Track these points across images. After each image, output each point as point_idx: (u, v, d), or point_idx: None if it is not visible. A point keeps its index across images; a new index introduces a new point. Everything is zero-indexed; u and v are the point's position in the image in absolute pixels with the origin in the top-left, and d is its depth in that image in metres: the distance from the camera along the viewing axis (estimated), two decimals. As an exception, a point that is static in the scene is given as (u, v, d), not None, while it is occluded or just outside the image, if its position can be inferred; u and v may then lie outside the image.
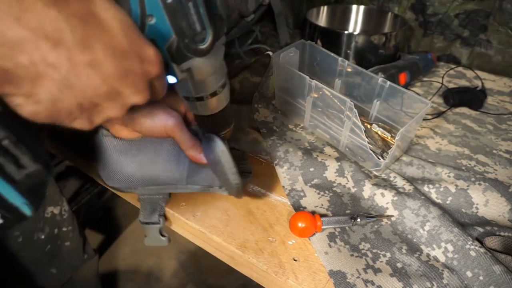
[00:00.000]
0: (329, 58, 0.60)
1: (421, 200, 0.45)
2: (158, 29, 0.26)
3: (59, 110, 0.22)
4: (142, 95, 0.26)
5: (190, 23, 0.26)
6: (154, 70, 0.25)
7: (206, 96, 0.34)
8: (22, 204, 0.28)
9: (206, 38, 0.28)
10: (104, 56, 0.22)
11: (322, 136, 0.58)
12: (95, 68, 0.22)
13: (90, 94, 0.23)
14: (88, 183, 1.27)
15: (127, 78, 0.24)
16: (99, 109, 0.25)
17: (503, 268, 0.37)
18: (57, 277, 0.76)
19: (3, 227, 0.28)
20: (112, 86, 0.23)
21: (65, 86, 0.21)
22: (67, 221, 0.76)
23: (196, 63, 0.29)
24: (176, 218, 0.46)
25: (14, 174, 0.25)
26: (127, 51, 0.23)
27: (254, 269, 0.41)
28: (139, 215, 0.44)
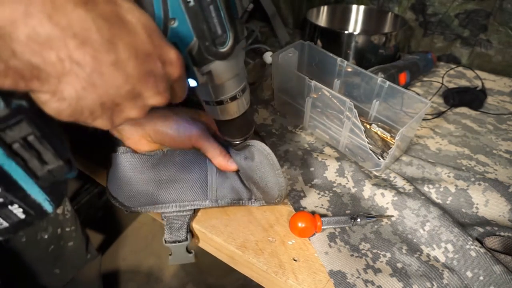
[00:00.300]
0: (328, 58, 0.60)
1: (421, 200, 0.45)
2: (180, 32, 0.27)
3: (82, 108, 0.23)
4: (162, 97, 0.26)
5: (211, 26, 0.27)
6: (176, 72, 0.26)
7: (226, 100, 0.33)
8: (45, 201, 0.28)
9: (227, 41, 0.28)
10: (127, 56, 0.23)
11: (322, 137, 0.58)
12: (119, 68, 0.22)
13: (113, 93, 0.23)
14: (88, 183, 1.27)
15: (149, 79, 0.24)
16: (120, 109, 0.25)
17: (503, 268, 0.37)
18: (60, 277, 0.77)
19: (25, 223, 0.28)
20: (133, 87, 0.24)
21: (89, 84, 0.22)
22: (70, 221, 0.76)
23: (216, 66, 0.30)
24: (176, 218, 0.46)
25: (37, 169, 0.25)
26: (150, 52, 0.24)
27: (254, 269, 0.41)
28: (164, 235, 0.42)
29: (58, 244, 0.74)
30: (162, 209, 0.42)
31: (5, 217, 0.27)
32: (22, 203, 0.27)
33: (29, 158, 0.25)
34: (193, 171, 0.42)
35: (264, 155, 0.38)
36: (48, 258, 0.73)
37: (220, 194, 0.42)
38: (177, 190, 0.42)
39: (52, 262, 0.75)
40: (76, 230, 0.79)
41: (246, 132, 0.40)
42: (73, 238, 0.78)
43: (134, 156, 0.41)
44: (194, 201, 0.42)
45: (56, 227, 0.73)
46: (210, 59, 0.29)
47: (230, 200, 0.43)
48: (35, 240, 0.69)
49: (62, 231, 0.74)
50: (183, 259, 0.44)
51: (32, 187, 0.27)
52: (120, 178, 0.41)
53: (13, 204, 0.27)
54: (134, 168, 0.41)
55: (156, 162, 0.42)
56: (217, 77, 0.31)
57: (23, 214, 0.28)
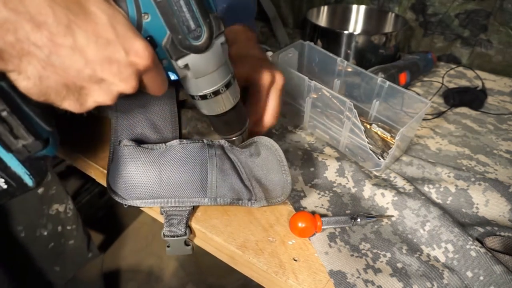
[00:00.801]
0: (328, 58, 0.60)
1: (422, 200, 0.45)
2: (154, 26, 0.28)
3: (47, 87, 0.25)
4: (128, 84, 0.28)
5: (183, 20, 0.28)
6: (142, 62, 0.27)
7: (209, 94, 0.34)
8: (24, 174, 0.31)
9: (201, 35, 0.29)
10: (86, 42, 0.25)
11: (322, 137, 0.58)
12: (77, 51, 0.25)
13: (73, 75, 0.25)
14: (89, 183, 1.27)
15: (111, 65, 0.26)
16: (86, 92, 0.28)
17: (503, 268, 0.37)
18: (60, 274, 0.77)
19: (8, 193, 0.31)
20: (94, 71, 0.26)
21: (48, 65, 0.24)
22: (71, 219, 0.77)
23: (193, 59, 0.31)
24: (176, 218, 0.46)
25: (10, 143, 0.28)
26: (111, 40, 0.25)
27: (254, 269, 0.41)
28: (163, 229, 0.43)
29: (58, 241, 0.75)
30: (160, 204, 0.43)
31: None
32: (4, 174, 0.30)
33: (2, 131, 0.27)
34: (194, 168, 0.42)
35: (272, 151, 0.39)
36: (48, 255, 0.73)
37: (219, 192, 0.42)
38: (177, 186, 0.42)
39: (52, 259, 0.75)
40: (78, 229, 0.80)
41: (238, 129, 0.40)
42: (74, 237, 0.78)
43: (136, 149, 0.42)
44: (193, 198, 0.42)
45: (57, 224, 0.73)
46: (185, 52, 0.30)
47: (230, 200, 0.43)
48: (34, 236, 0.69)
49: (63, 229, 0.75)
50: (181, 251, 0.45)
51: (11, 159, 0.30)
52: (121, 171, 0.42)
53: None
54: (136, 161, 0.41)
55: (158, 156, 0.42)
56: (196, 71, 0.32)
57: (5, 184, 0.30)
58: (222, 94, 0.35)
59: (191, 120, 0.57)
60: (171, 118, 0.52)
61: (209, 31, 0.30)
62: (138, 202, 0.42)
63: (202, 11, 0.29)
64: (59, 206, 0.73)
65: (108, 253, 1.29)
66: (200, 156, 0.42)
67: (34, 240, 0.70)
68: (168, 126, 0.51)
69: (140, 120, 0.49)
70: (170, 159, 0.42)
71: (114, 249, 1.31)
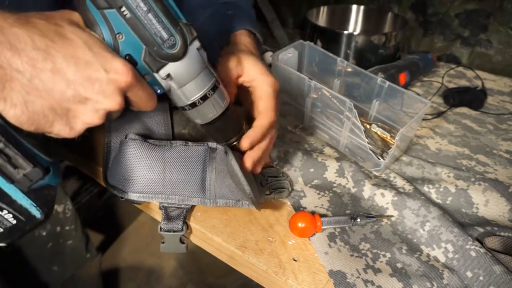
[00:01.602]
0: (328, 58, 0.60)
1: (421, 200, 0.45)
2: (129, 44, 0.29)
3: (34, 113, 0.26)
4: (112, 101, 0.28)
5: (155, 32, 0.29)
6: (122, 78, 0.28)
7: (198, 101, 0.35)
8: (31, 206, 0.31)
9: (176, 44, 0.31)
10: (66, 64, 0.26)
11: (322, 137, 0.58)
12: (57, 74, 0.26)
13: (57, 97, 0.26)
14: (88, 183, 1.27)
15: (93, 84, 0.27)
16: (74, 114, 0.28)
17: (503, 269, 0.37)
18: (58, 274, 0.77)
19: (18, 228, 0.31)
20: (77, 91, 0.27)
21: (32, 89, 0.25)
22: (70, 220, 0.77)
23: (173, 68, 0.32)
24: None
25: (11, 174, 0.29)
26: (90, 61, 0.27)
27: (254, 269, 0.41)
28: (160, 223, 0.43)
29: (57, 241, 0.75)
30: (160, 199, 0.43)
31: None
32: (11, 209, 0.30)
33: (1, 163, 0.28)
34: (195, 169, 0.43)
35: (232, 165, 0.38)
36: (47, 255, 0.74)
37: (218, 193, 0.42)
38: (178, 184, 0.42)
39: (51, 259, 0.75)
40: (76, 229, 0.80)
41: (234, 134, 0.40)
42: (73, 237, 0.79)
43: (143, 144, 0.43)
44: (193, 198, 0.43)
45: (55, 225, 0.74)
46: (164, 62, 0.31)
47: (229, 201, 0.43)
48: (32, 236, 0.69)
49: (62, 229, 0.75)
50: (175, 248, 0.45)
51: (16, 192, 0.30)
52: (124, 164, 0.42)
53: (2, 210, 0.30)
54: (141, 155, 0.42)
55: (162, 153, 0.43)
56: (179, 79, 0.32)
57: (14, 219, 0.31)
58: (210, 98, 0.35)
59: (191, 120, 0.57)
60: (164, 121, 0.53)
61: (182, 38, 0.31)
62: (137, 195, 0.43)
63: (171, 20, 0.30)
64: (57, 207, 0.74)
65: (108, 253, 1.29)
66: (202, 158, 0.43)
67: (33, 240, 0.70)
68: (161, 129, 0.52)
69: (133, 122, 0.51)
70: (175, 157, 0.43)
71: (114, 249, 1.31)
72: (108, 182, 0.45)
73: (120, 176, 0.43)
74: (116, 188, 0.43)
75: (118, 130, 0.51)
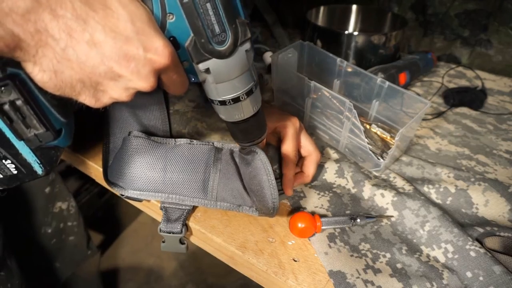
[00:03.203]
0: (328, 59, 0.59)
1: (421, 201, 0.45)
2: (177, 27, 0.28)
3: (62, 82, 0.25)
4: (145, 82, 0.27)
5: (208, 23, 0.27)
6: (160, 61, 0.27)
7: (228, 101, 0.34)
8: (34, 162, 0.32)
9: (226, 41, 0.29)
10: (104, 38, 0.24)
11: (322, 137, 0.57)
12: (93, 47, 0.24)
13: (88, 70, 0.25)
14: (88, 183, 1.27)
15: (129, 62, 0.26)
16: (103, 89, 0.27)
17: (503, 269, 0.37)
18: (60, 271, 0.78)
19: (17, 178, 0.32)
20: (111, 67, 0.25)
21: (64, 59, 0.24)
22: (73, 216, 0.78)
23: (214, 64, 0.30)
24: (176, 219, 0.46)
25: (22, 132, 0.29)
26: (130, 37, 0.25)
27: (254, 270, 0.41)
28: (160, 224, 0.43)
29: (60, 237, 0.76)
30: (160, 198, 0.43)
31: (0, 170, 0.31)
32: (14, 160, 0.31)
33: (15, 120, 0.28)
34: (198, 169, 0.42)
35: (263, 163, 0.38)
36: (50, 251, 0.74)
37: (220, 196, 0.42)
38: (179, 183, 0.42)
39: (53, 255, 0.76)
40: (79, 226, 0.81)
41: (255, 138, 0.40)
42: (75, 233, 0.80)
43: (146, 141, 0.42)
44: (194, 198, 0.43)
45: (59, 222, 0.75)
46: (207, 56, 0.29)
47: (230, 204, 0.43)
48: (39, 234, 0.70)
49: (65, 225, 0.77)
50: (175, 248, 0.45)
51: (23, 147, 0.30)
52: (126, 160, 0.42)
53: (6, 159, 0.31)
54: (144, 153, 0.42)
55: (165, 152, 0.42)
56: (217, 76, 0.31)
57: (15, 170, 0.31)
58: (242, 102, 0.34)
59: (191, 120, 0.57)
60: (161, 118, 0.53)
61: (234, 37, 0.29)
62: (138, 193, 0.42)
63: (228, 16, 0.28)
64: (62, 204, 0.75)
65: (108, 253, 1.29)
66: (206, 158, 0.43)
67: (39, 237, 0.71)
68: (159, 125, 0.52)
69: (131, 119, 0.50)
70: (177, 156, 0.42)
71: (114, 249, 1.31)
72: (108, 179, 0.45)
73: (120, 173, 0.43)
74: (116, 185, 0.43)
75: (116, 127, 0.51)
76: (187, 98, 0.62)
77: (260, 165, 0.39)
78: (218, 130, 0.56)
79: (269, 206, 0.39)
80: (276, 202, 0.39)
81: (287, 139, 0.45)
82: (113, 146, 0.50)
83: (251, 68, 0.33)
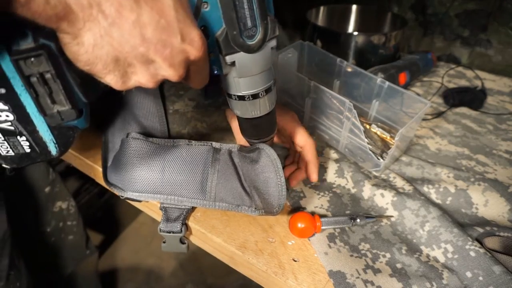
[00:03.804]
0: (328, 59, 0.60)
1: (421, 201, 0.45)
2: (210, 17, 0.28)
3: (96, 57, 0.25)
4: (175, 71, 0.27)
5: (241, 16, 0.28)
6: (194, 52, 0.27)
7: (247, 96, 0.34)
8: (51, 142, 0.30)
9: (255, 35, 0.29)
10: (149, 21, 0.24)
11: (321, 137, 0.57)
12: (137, 28, 0.24)
13: (127, 51, 0.25)
14: (88, 183, 1.27)
15: (165, 49, 0.26)
16: (133, 71, 0.27)
17: (502, 269, 0.37)
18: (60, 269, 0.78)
19: (29, 157, 0.31)
20: (148, 51, 0.25)
21: (107, 34, 0.24)
22: (72, 216, 0.79)
23: (241, 58, 0.30)
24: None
25: (47, 107, 0.27)
26: (171, 24, 0.25)
27: (254, 270, 0.41)
28: (160, 223, 0.43)
29: (59, 236, 0.76)
30: (159, 199, 0.43)
31: (12, 146, 0.30)
32: (30, 137, 0.29)
33: (41, 94, 0.27)
34: (196, 170, 0.42)
35: (271, 159, 0.39)
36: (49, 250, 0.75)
37: (218, 196, 0.42)
38: (178, 184, 0.42)
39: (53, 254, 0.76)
40: (78, 225, 0.82)
41: (265, 135, 0.40)
42: (74, 233, 0.80)
43: (144, 143, 0.43)
44: (192, 199, 0.43)
45: (59, 221, 0.75)
46: (236, 49, 0.29)
47: (228, 204, 0.43)
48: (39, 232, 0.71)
49: (64, 224, 0.77)
50: (176, 248, 0.45)
51: (42, 124, 0.29)
52: (125, 162, 0.42)
53: (21, 136, 0.29)
54: (143, 154, 0.42)
55: (164, 153, 0.43)
56: (241, 70, 0.31)
57: (29, 148, 0.30)
58: (260, 99, 0.34)
59: (191, 121, 0.58)
60: (159, 118, 0.54)
61: (264, 32, 0.29)
62: (137, 195, 0.43)
63: (261, 12, 0.28)
64: (62, 203, 0.75)
65: (107, 253, 1.29)
66: (204, 159, 0.43)
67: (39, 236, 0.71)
68: (156, 125, 0.53)
69: (129, 120, 0.51)
70: (175, 157, 0.42)
71: (113, 249, 1.31)
72: (107, 181, 0.45)
73: (120, 175, 0.43)
74: (116, 187, 0.43)
75: (114, 128, 0.52)
76: (187, 97, 0.62)
77: (268, 162, 0.39)
78: (218, 130, 0.56)
79: (274, 204, 0.39)
80: (283, 200, 0.39)
81: (298, 131, 0.46)
82: (112, 146, 0.50)
83: (272, 67, 0.34)
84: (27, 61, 0.25)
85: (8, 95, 0.27)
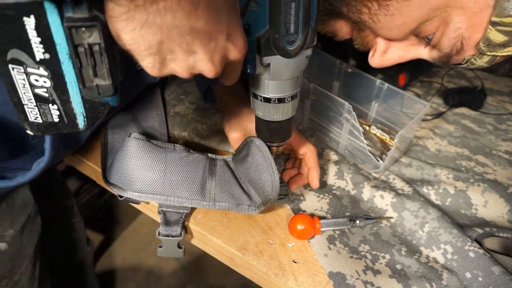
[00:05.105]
0: (327, 60, 0.60)
1: (420, 202, 0.45)
2: (257, 16, 0.28)
3: (142, 37, 0.24)
4: (213, 66, 0.27)
5: (287, 21, 0.28)
6: (235, 53, 0.27)
7: (273, 100, 0.34)
8: (80, 114, 0.30)
9: (295, 42, 0.30)
10: (203, 12, 0.24)
11: (321, 139, 0.58)
12: (191, 17, 0.24)
13: (174, 37, 0.25)
14: (88, 183, 1.27)
15: (210, 42, 0.26)
16: (172, 58, 0.27)
17: (502, 269, 0.37)
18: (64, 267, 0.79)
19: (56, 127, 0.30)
20: (193, 41, 0.25)
21: (160, 16, 0.24)
22: (76, 213, 0.80)
23: (277, 61, 0.31)
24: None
25: (88, 79, 0.27)
26: (221, 20, 0.25)
27: (254, 271, 0.41)
28: (159, 227, 0.43)
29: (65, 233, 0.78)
30: (159, 200, 0.43)
31: (42, 113, 0.29)
32: (61, 107, 0.29)
33: (85, 65, 0.26)
34: (196, 171, 0.43)
35: (260, 149, 0.40)
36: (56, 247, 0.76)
37: (218, 197, 0.42)
38: (178, 185, 0.42)
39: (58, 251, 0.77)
40: (80, 222, 0.83)
41: (279, 140, 0.40)
42: (77, 230, 0.82)
43: (146, 144, 0.43)
44: (192, 200, 0.43)
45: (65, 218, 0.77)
46: (274, 52, 0.30)
47: (228, 204, 0.43)
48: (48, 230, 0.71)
49: (69, 222, 0.78)
50: (173, 253, 0.45)
51: (76, 95, 0.28)
52: (126, 162, 0.42)
53: (54, 104, 0.29)
54: (144, 155, 0.42)
55: (164, 155, 0.43)
56: (274, 73, 0.32)
57: (58, 118, 0.29)
58: (285, 104, 0.35)
59: (191, 122, 0.58)
60: (159, 120, 0.54)
61: (304, 40, 0.30)
62: (137, 195, 0.42)
63: (305, 19, 0.29)
64: (67, 201, 0.77)
65: (108, 253, 1.29)
66: (203, 163, 0.43)
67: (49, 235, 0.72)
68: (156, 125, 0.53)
69: (129, 121, 0.51)
70: (176, 159, 0.43)
71: (114, 249, 1.31)
72: (107, 181, 0.45)
73: (120, 175, 0.43)
74: (116, 187, 0.44)
75: (114, 128, 0.52)
76: (187, 101, 0.62)
77: (257, 151, 0.40)
78: (218, 132, 0.56)
79: (268, 189, 0.40)
80: (276, 183, 0.40)
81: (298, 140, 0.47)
82: (111, 147, 0.50)
83: (301, 75, 0.34)
84: (78, 30, 0.24)
85: (51, 61, 0.26)
